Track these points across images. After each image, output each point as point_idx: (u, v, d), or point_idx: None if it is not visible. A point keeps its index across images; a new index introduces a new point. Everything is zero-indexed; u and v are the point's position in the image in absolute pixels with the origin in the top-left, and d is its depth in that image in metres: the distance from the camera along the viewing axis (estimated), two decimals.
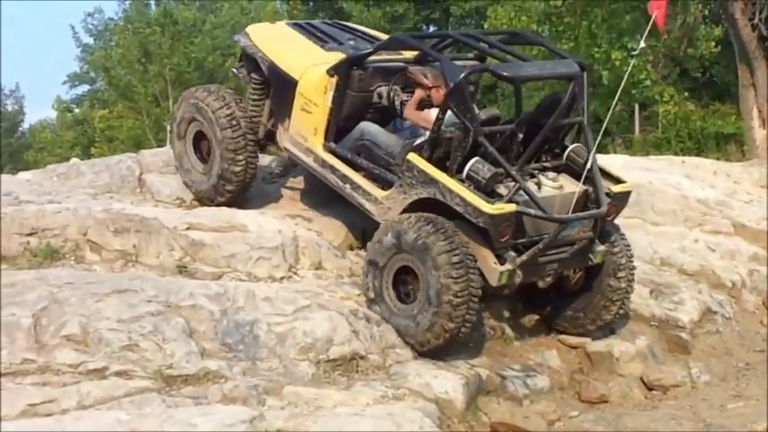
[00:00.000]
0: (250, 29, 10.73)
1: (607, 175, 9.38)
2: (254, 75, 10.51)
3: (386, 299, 8.79)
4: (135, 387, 7.39)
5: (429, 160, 8.87)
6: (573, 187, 9.04)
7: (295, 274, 9.38)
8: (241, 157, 10.00)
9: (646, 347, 9.67)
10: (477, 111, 9.01)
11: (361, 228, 10.08)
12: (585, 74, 9.16)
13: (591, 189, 9.05)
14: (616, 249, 9.38)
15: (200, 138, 10.30)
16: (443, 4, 48.69)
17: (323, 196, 10.50)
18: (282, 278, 9.27)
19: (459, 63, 9.47)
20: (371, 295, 8.86)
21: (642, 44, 10.57)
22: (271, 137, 10.47)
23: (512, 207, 8.54)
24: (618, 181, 9.40)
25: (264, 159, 11.02)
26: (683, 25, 22.40)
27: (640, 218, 12.11)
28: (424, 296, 8.47)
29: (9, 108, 64.55)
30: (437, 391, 7.98)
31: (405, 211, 8.92)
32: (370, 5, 46.72)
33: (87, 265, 9.37)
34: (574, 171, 9.19)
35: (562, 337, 9.58)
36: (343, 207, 10.08)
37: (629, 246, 9.53)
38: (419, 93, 9.45)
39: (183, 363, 7.69)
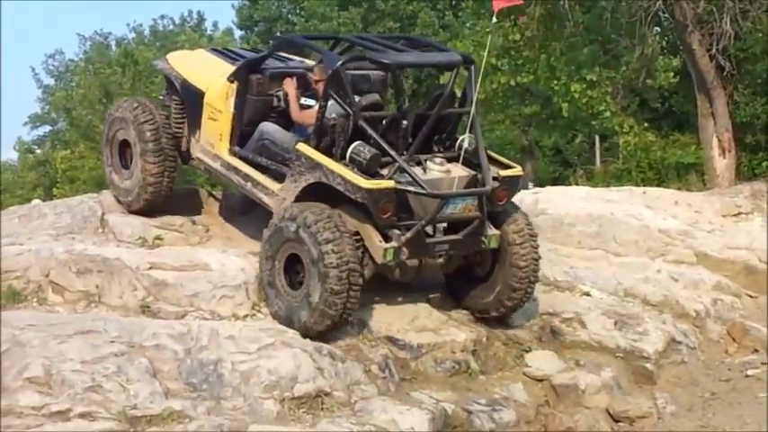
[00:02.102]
0: (170, 55, 11.38)
1: (499, 163, 9.75)
2: (174, 96, 10.92)
3: (277, 285, 9.16)
4: (99, 429, 7.36)
5: (317, 149, 9.35)
6: (461, 172, 9.42)
7: (258, 311, 9.35)
8: (159, 169, 10.46)
9: (611, 379, 9.69)
10: (356, 98, 9.47)
11: None
12: (473, 67, 9.71)
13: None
14: (520, 241, 9.68)
15: (124, 145, 10.74)
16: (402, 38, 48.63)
17: None
18: (246, 316, 9.24)
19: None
20: (266, 282, 9.25)
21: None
22: (190, 154, 10.79)
23: (389, 183, 8.95)
24: (508, 168, 9.76)
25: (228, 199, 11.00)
26: (641, 57, 22.51)
27: (603, 249, 12.15)
28: (308, 283, 8.85)
29: None
30: (403, 428, 7.97)
31: (297, 199, 9.33)
32: (324, 39, 46.64)
33: (50, 307, 9.32)
34: (467, 162, 9.55)
35: (527, 370, 9.59)
36: None
37: (534, 237, 9.83)
38: (292, 92, 10.00)
39: (147, 403, 7.64)
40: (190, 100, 10.60)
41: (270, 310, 9.25)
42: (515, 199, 10.02)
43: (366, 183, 8.89)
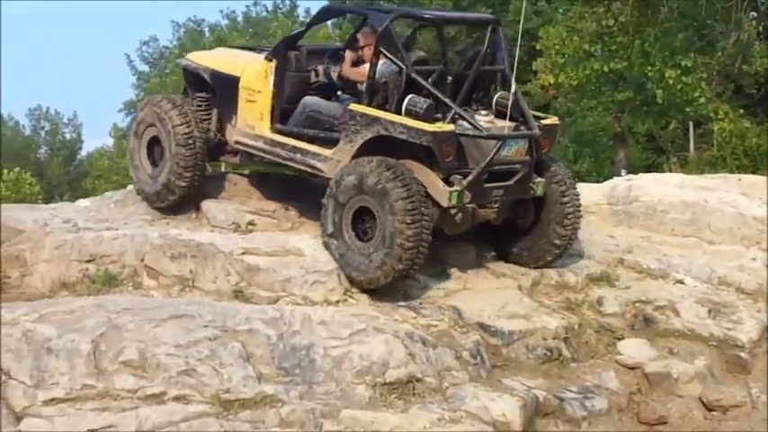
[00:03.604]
0: (191, 54, 11.72)
1: (536, 117, 10.06)
2: (197, 94, 11.08)
3: (344, 235, 9.43)
4: (193, 412, 7.44)
5: (369, 107, 9.65)
6: (506, 123, 9.70)
7: (350, 297, 9.39)
8: (189, 174, 10.51)
9: (704, 367, 9.58)
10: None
11: None
12: (500, 28, 10.27)
13: (521, 123, 9.77)
14: (565, 199, 10.09)
15: (154, 143, 10.80)
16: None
17: None
18: (338, 302, 9.28)
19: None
20: (330, 230, 9.51)
21: None
22: (221, 148, 11.03)
23: (450, 126, 9.33)
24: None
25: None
26: (737, 42, 22.20)
27: (697, 236, 12.00)
28: (379, 237, 9.15)
29: (67, 136, 65.43)
30: (494, 414, 7.95)
31: (353, 158, 9.55)
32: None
33: (145, 291, 9.45)
34: (504, 117, 9.82)
35: (620, 358, 9.53)
36: None
37: (575, 187, 10.24)
38: (349, 54, 10.22)
39: (240, 387, 7.72)
40: (221, 90, 10.78)
41: (342, 269, 9.47)
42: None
43: (431, 127, 9.22)
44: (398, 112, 9.44)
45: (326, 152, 9.86)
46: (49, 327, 7.99)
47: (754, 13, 23.95)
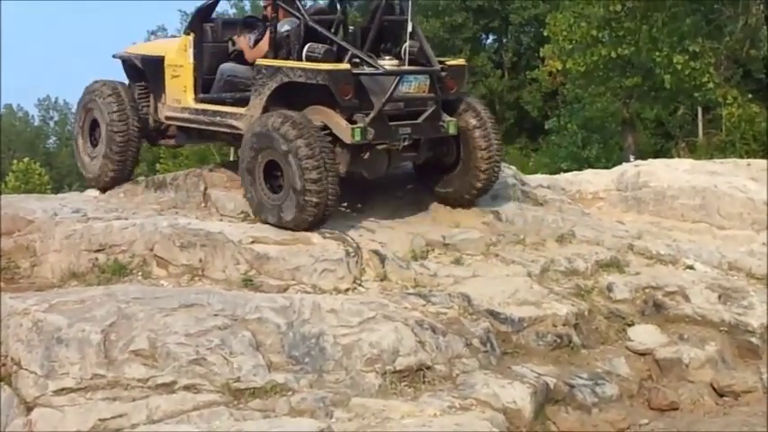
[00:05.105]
0: (128, 47, 12.23)
1: (442, 60, 10.51)
2: (136, 84, 11.71)
3: (258, 187, 9.90)
4: (203, 401, 7.45)
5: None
6: (407, 67, 10.16)
7: (360, 285, 9.39)
8: (121, 158, 11.34)
9: (716, 353, 9.56)
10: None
11: (426, 238, 10.10)
12: None
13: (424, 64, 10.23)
14: (478, 124, 10.47)
15: (95, 125, 11.55)
16: (502, 12, 48.62)
17: (388, 208, 10.55)
18: (347, 290, 9.27)
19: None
20: (247, 181, 9.99)
21: None
22: (162, 132, 11.77)
23: (346, 65, 9.78)
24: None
25: None
26: (744, 27, 22.15)
27: (707, 222, 12.00)
28: (288, 190, 9.59)
29: None
30: (505, 401, 7.94)
31: (264, 110, 10.05)
32: (429, 16, 46.81)
33: (154, 281, 9.46)
34: (415, 64, 10.27)
35: (630, 344, 9.51)
36: (407, 218, 10.13)
37: (492, 120, 10.62)
38: (242, 41, 10.87)
39: (250, 376, 7.72)
40: (152, 71, 11.38)
41: (260, 219, 9.93)
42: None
43: (325, 65, 9.74)
44: (300, 59, 9.99)
45: (242, 110, 10.37)
46: (60, 316, 8.00)
47: None
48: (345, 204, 10.34)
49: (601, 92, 32.25)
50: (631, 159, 22.20)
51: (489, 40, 52.20)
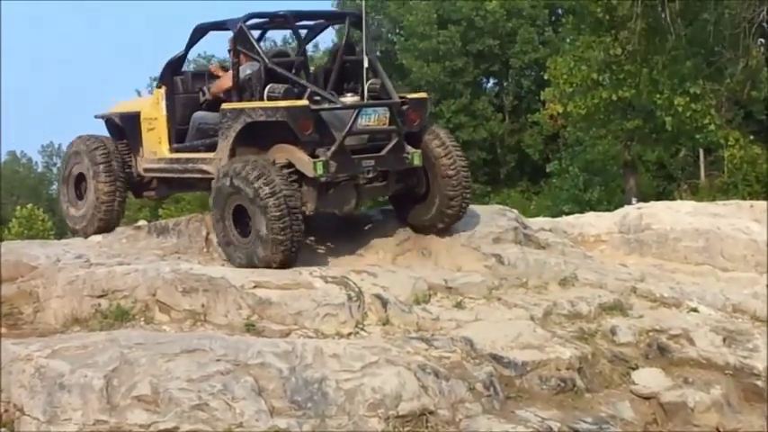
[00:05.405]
0: (110, 107, 12.41)
1: (403, 95, 10.74)
2: (119, 142, 11.90)
3: (233, 241, 10.15)
4: None
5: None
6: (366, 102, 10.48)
7: (362, 329, 9.37)
8: (108, 208, 11.64)
9: (721, 396, 9.51)
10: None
11: (428, 282, 10.09)
12: (360, 20, 10.93)
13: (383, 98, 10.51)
14: (444, 153, 10.66)
15: (81, 178, 11.84)
16: (502, 57, 48.80)
17: (389, 251, 10.54)
18: (350, 334, 9.25)
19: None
20: (223, 243, 10.29)
21: None
22: (144, 185, 12.05)
23: (304, 102, 10.05)
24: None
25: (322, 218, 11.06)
26: (745, 68, 22.21)
27: (710, 264, 11.99)
28: (254, 234, 9.87)
29: None
30: None
31: (231, 154, 10.36)
32: (429, 60, 46.96)
33: (157, 326, 9.44)
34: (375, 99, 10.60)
35: (634, 387, 9.47)
36: (409, 262, 10.10)
37: (457, 147, 10.85)
38: (216, 70, 11.39)
39: (252, 421, 7.69)
40: (130, 127, 11.70)
41: (234, 265, 10.10)
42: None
43: (284, 102, 10.03)
44: (262, 100, 10.29)
45: (211, 155, 10.63)
46: (62, 362, 7.99)
47: (762, 40, 24.02)
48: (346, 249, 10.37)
49: (602, 134, 32.31)
50: (633, 202, 22.21)
51: (490, 84, 52.43)
